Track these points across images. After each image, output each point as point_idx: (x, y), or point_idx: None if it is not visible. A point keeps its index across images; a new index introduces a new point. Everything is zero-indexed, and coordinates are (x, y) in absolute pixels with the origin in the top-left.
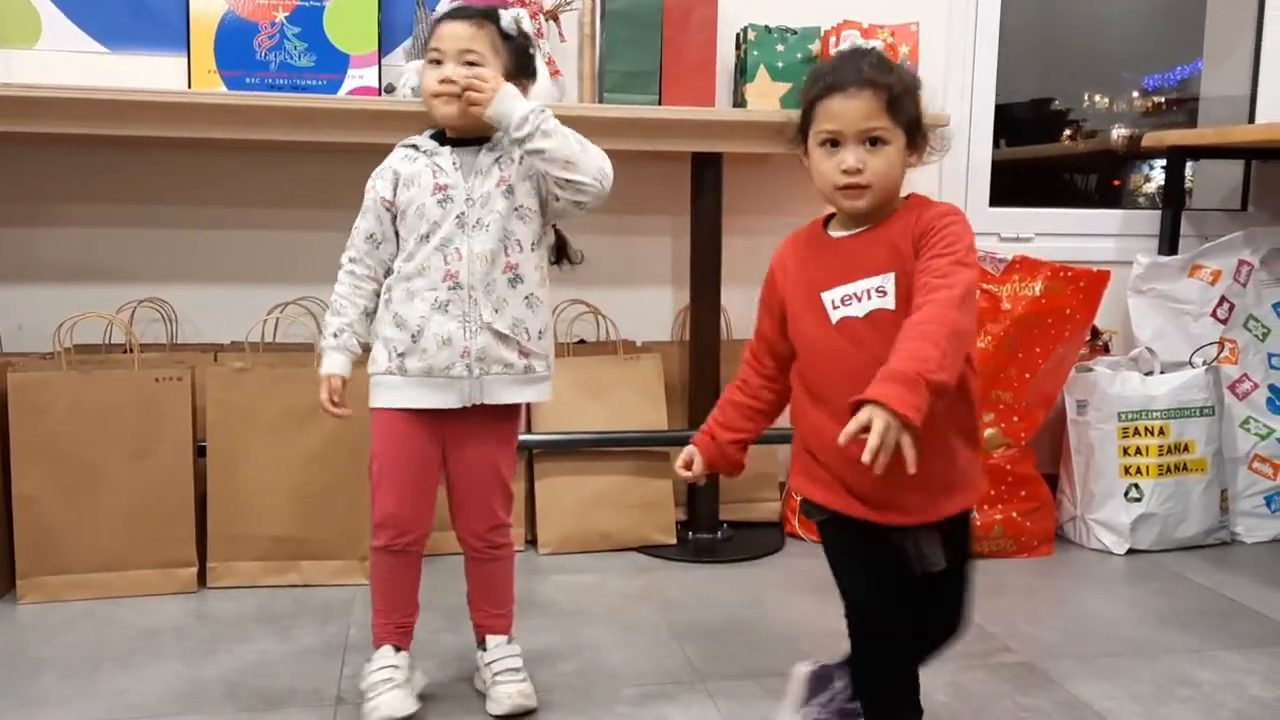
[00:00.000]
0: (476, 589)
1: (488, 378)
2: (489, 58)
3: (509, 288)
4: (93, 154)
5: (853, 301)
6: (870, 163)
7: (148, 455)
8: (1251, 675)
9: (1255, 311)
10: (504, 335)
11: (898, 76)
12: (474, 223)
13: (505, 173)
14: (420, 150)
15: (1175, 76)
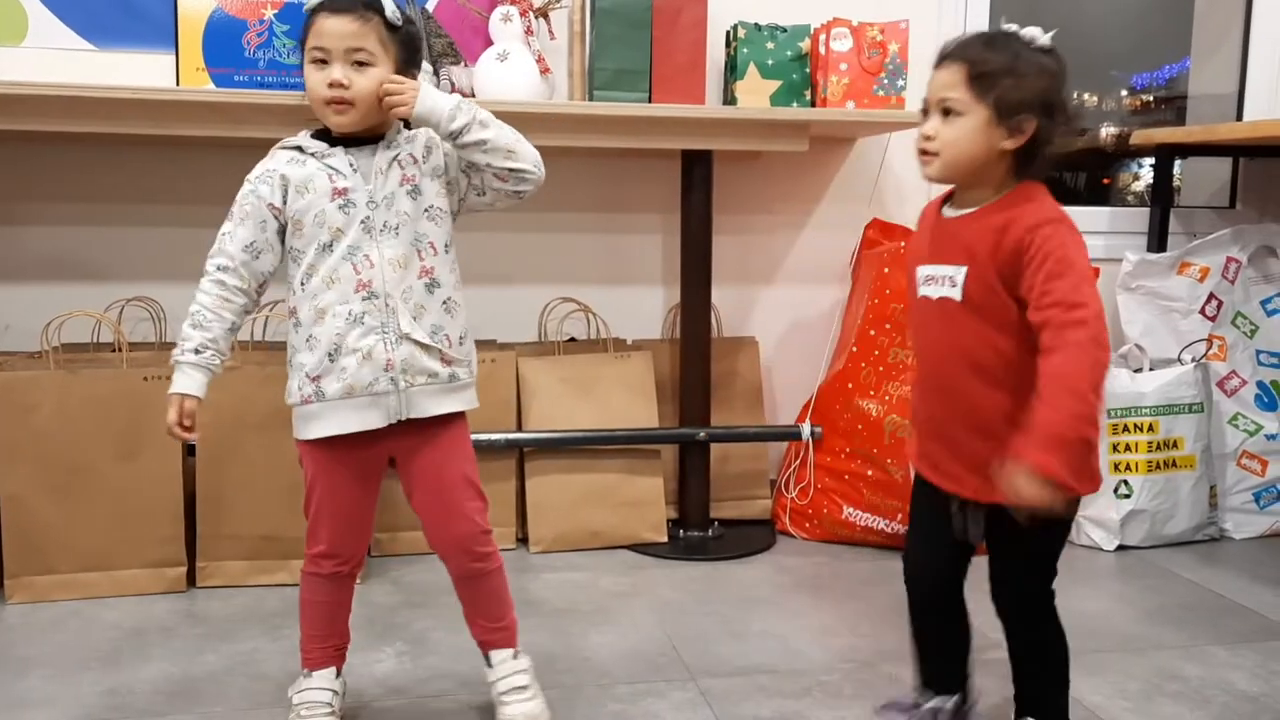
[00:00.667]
0: (470, 605)
1: (413, 390)
2: (379, 54)
3: (426, 293)
4: (80, 152)
5: (932, 283)
6: (940, 131)
7: (136, 455)
8: (1239, 670)
9: (1243, 308)
10: (425, 345)
11: (996, 53)
12: (381, 226)
13: (407, 171)
14: (307, 152)
15: (1163, 75)
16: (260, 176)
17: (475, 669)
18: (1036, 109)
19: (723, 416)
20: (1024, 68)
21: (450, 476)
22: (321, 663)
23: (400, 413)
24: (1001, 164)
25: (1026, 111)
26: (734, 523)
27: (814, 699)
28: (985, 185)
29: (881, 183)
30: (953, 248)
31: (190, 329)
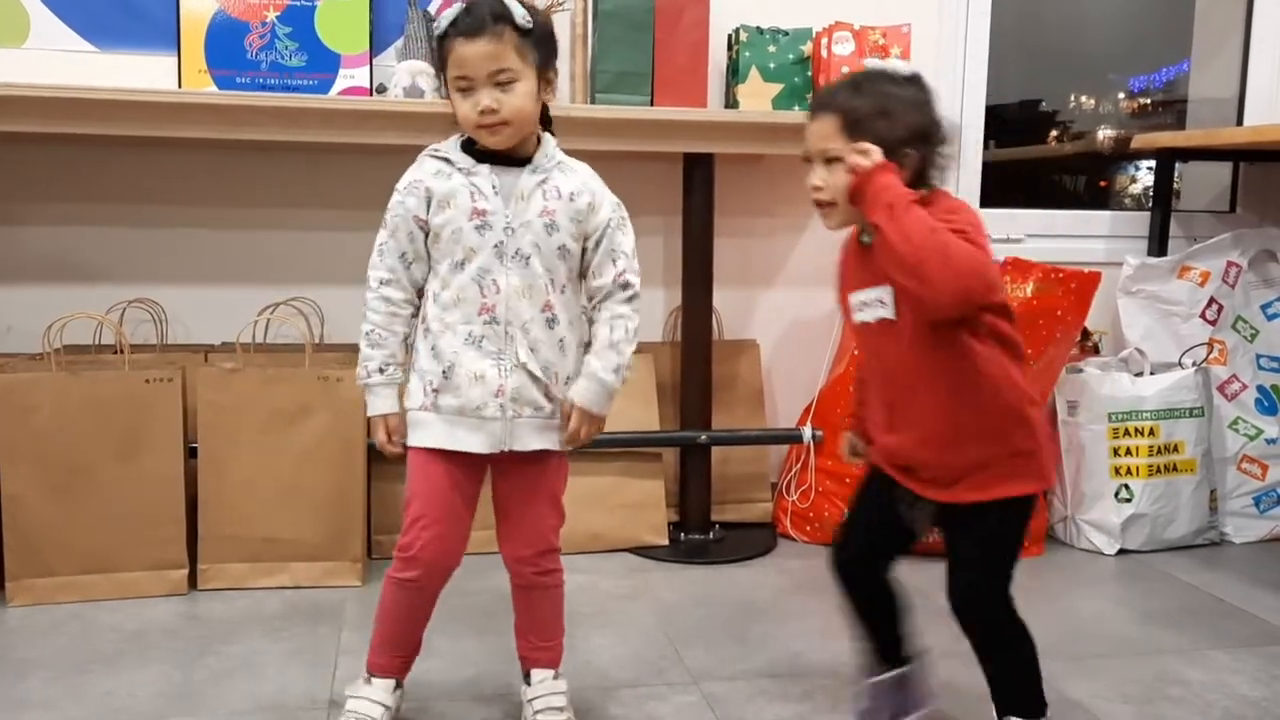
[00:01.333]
0: (524, 618)
1: (519, 420)
2: (521, 69)
3: (545, 328)
4: (83, 154)
5: (865, 309)
6: (829, 181)
7: (137, 457)
8: (1240, 675)
9: (1244, 313)
10: (536, 377)
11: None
12: (513, 253)
13: (550, 204)
14: (454, 166)
15: (1161, 78)
16: (408, 188)
17: (477, 675)
18: (915, 141)
19: (723, 419)
20: (893, 106)
21: (537, 501)
22: (385, 670)
23: (505, 443)
24: None
25: (905, 146)
26: (735, 526)
27: (815, 703)
28: None
29: None
30: (876, 271)
31: (369, 349)
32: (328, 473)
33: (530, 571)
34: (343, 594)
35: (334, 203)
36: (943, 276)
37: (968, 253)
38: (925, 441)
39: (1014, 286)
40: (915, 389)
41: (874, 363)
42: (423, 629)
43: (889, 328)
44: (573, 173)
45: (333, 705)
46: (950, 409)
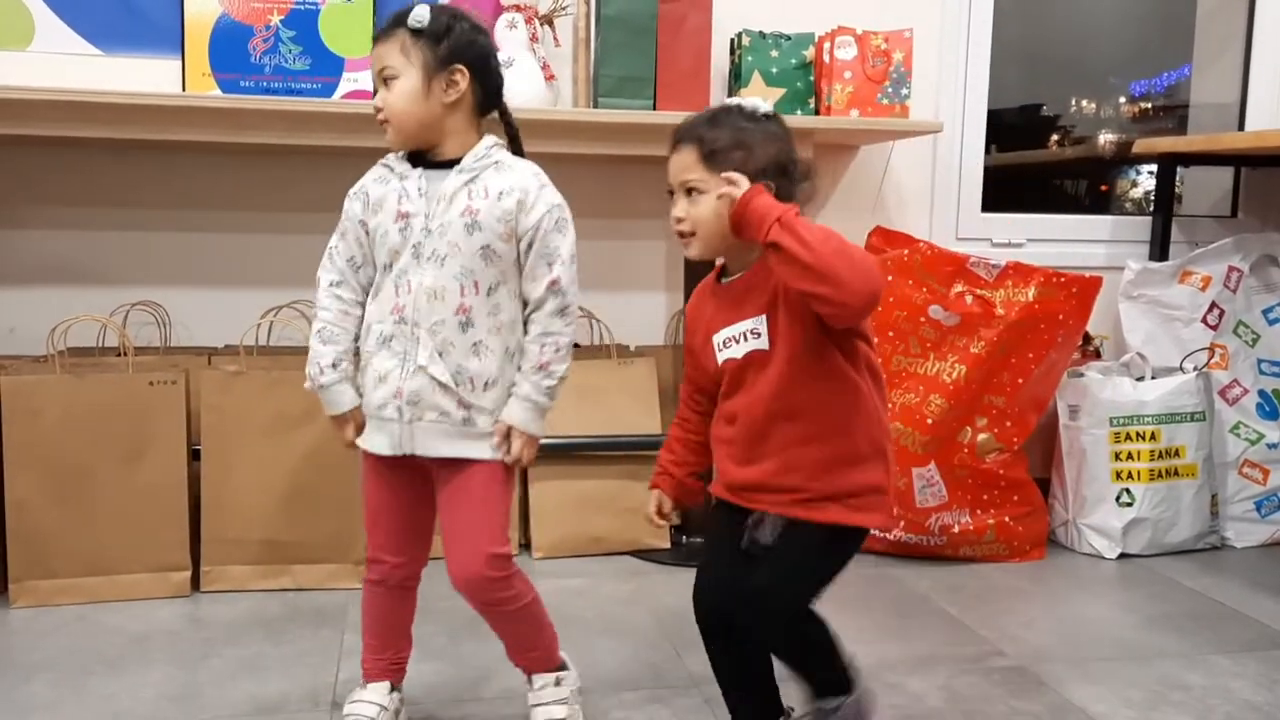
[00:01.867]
0: (500, 637)
1: (419, 424)
2: (400, 66)
3: (458, 331)
4: (86, 156)
5: (732, 344)
6: (690, 211)
7: (141, 459)
8: (1242, 679)
9: (1245, 317)
10: (442, 382)
11: (721, 130)
12: (429, 254)
13: (474, 203)
14: (393, 171)
15: (1161, 83)
16: (355, 193)
17: (477, 675)
18: (771, 173)
19: None
20: (750, 139)
21: (463, 520)
22: (375, 675)
23: (404, 446)
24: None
25: (762, 178)
26: None
27: None
28: (747, 249)
29: (885, 191)
30: (744, 305)
31: (321, 345)
32: (330, 476)
33: (476, 602)
34: (345, 596)
35: (337, 206)
36: (853, 276)
37: (864, 252)
38: (789, 470)
39: (1016, 290)
40: (783, 419)
41: (738, 399)
42: (403, 631)
43: (760, 360)
44: (509, 171)
45: (335, 707)
46: (819, 438)
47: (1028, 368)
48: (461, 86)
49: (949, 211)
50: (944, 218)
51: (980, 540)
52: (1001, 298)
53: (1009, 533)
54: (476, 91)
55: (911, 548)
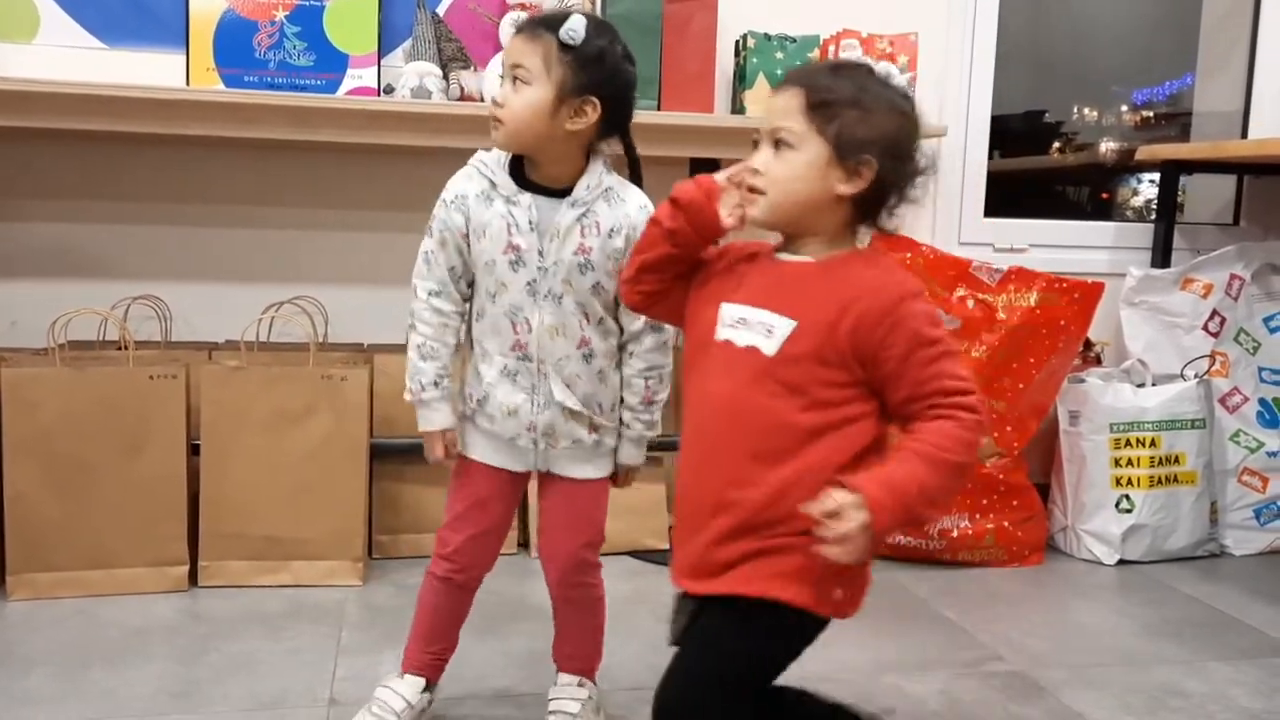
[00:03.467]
0: (560, 626)
1: (553, 452)
2: (536, 74)
3: (583, 363)
4: (89, 150)
5: (742, 327)
6: (770, 167)
7: (141, 453)
8: (1240, 686)
9: (1246, 325)
10: (575, 411)
11: (841, 81)
12: (545, 292)
13: (587, 241)
14: (497, 189)
15: (1164, 91)
16: (454, 203)
17: (481, 674)
18: (879, 150)
19: None
20: (872, 102)
21: (583, 519)
22: (416, 667)
23: (540, 466)
24: (836, 212)
25: (867, 151)
26: None
27: None
28: (816, 236)
29: None
30: (782, 296)
31: (421, 361)
32: (330, 472)
33: (569, 580)
34: (343, 593)
35: (340, 203)
36: (968, 468)
37: (970, 453)
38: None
39: (1018, 296)
40: (739, 443)
41: (705, 391)
42: (456, 628)
43: (757, 363)
44: (619, 203)
45: (333, 704)
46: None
47: (1029, 373)
48: (590, 119)
49: (951, 216)
50: (947, 222)
51: (979, 545)
52: (1003, 303)
53: (1008, 538)
54: (601, 123)
55: (911, 552)
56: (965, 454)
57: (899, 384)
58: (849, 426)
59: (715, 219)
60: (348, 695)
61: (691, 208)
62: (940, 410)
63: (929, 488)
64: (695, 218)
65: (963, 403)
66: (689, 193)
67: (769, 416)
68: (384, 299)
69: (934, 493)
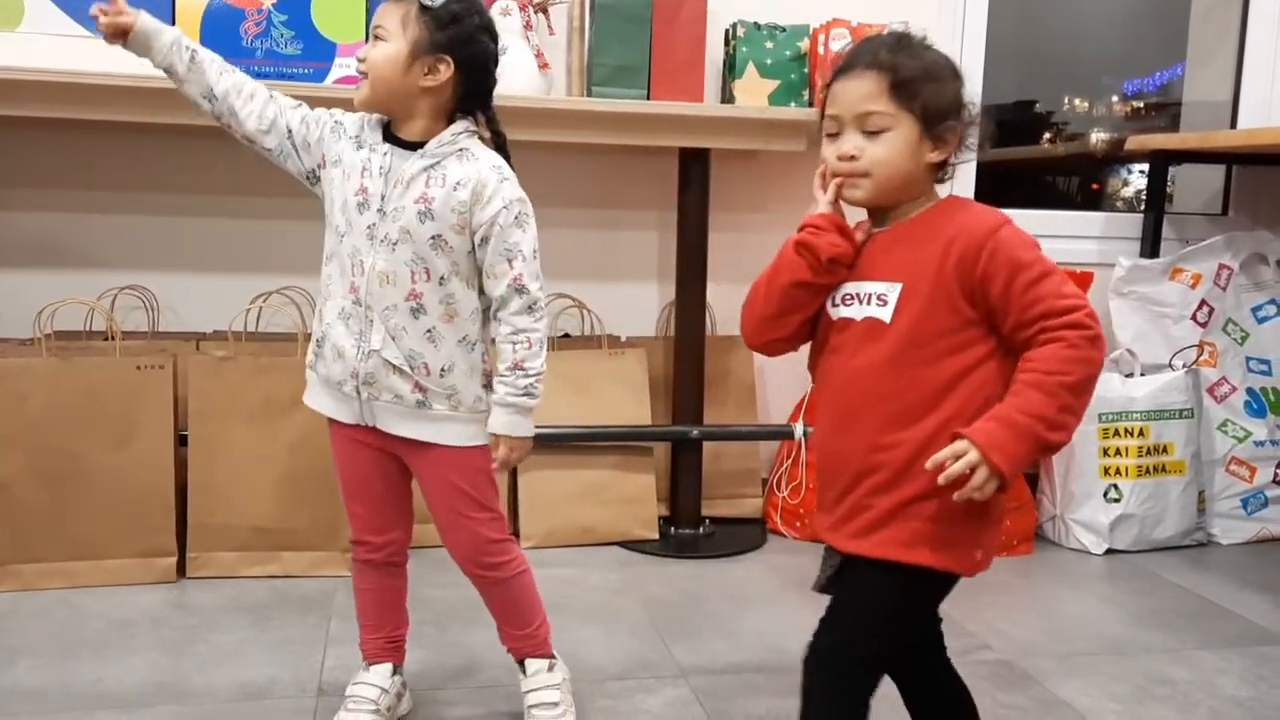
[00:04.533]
0: (493, 613)
1: (377, 404)
2: (393, 31)
3: (410, 317)
4: (75, 139)
5: (854, 302)
6: (864, 148)
7: (128, 444)
8: (1227, 675)
9: (1234, 315)
10: (395, 366)
11: (912, 58)
12: (381, 237)
13: (430, 191)
14: (367, 141)
15: (1154, 81)
16: (346, 126)
17: (464, 664)
18: (957, 113)
19: (715, 415)
20: (940, 71)
21: (448, 491)
22: (374, 655)
23: (365, 419)
24: (925, 180)
25: (949, 118)
26: (725, 521)
27: None
28: (908, 203)
29: None
30: (883, 263)
31: None
32: (318, 463)
33: (472, 568)
34: (332, 584)
35: None
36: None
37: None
38: (867, 471)
39: None
40: (873, 408)
41: (833, 366)
42: (396, 608)
43: (877, 330)
44: (470, 161)
45: (321, 694)
46: (905, 438)
47: None
48: (441, 77)
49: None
50: None
51: None
52: None
53: None
54: (457, 87)
55: None
56: (1078, 370)
57: (1006, 312)
58: (978, 370)
59: (853, 249)
60: (336, 685)
61: (847, 257)
62: (1048, 334)
63: (1045, 414)
64: (848, 261)
65: (1069, 320)
66: (841, 246)
67: (901, 379)
68: None
69: (1053, 417)
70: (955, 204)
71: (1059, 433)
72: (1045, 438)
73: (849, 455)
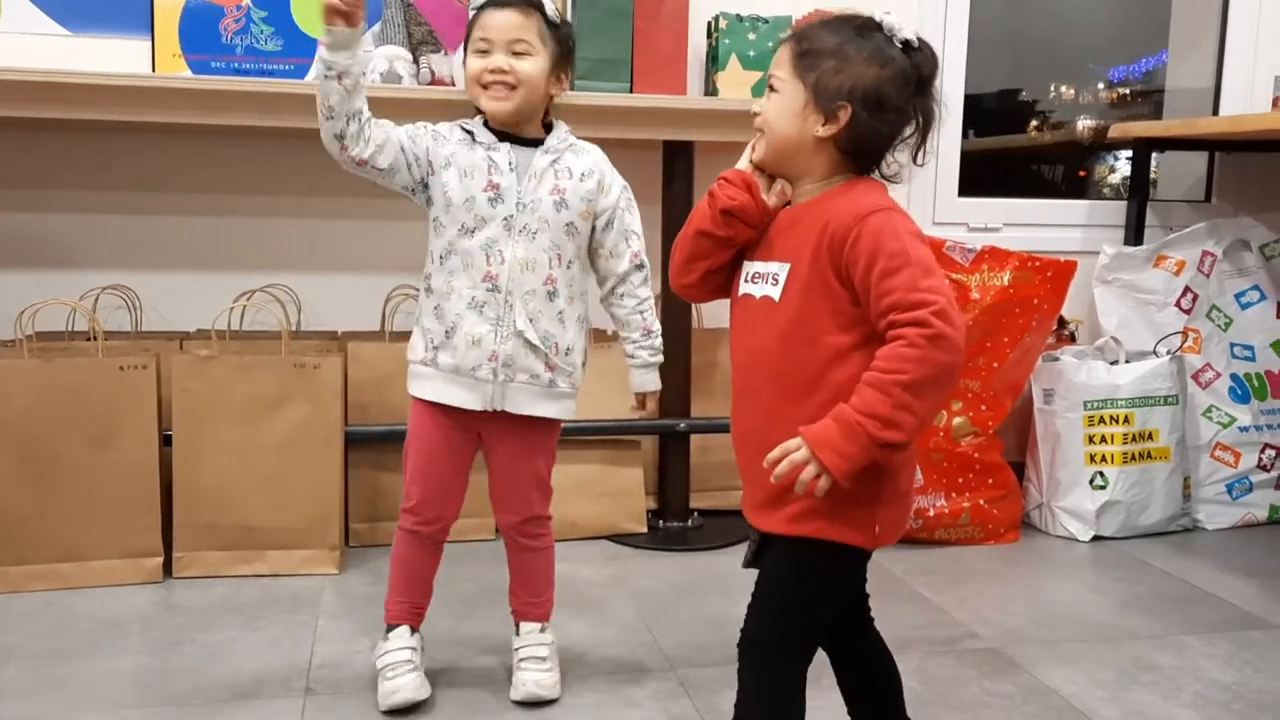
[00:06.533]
0: (515, 576)
1: (511, 385)
2: (537, 47)
3: (546, 300)
4: (55, 138)
5: (759, 281)
6: (764, 107)
7: (112, 444)
8: (1212, 659)
9: (1218, 302)
10: (534, 345)
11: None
12: (520, 227)
13: (560, 182)
14: (477, 140)
15: (1140, 68)
16: (438, 131)
17: (454, 659)
18: (856, 98)
19: (703, 407)
20: (852, 52)
21: (523, 469)
22: (397, 617)
23: (496, 403)
24: (821, 154)
25: (844, 99)
26: (714, 513)
27: None
28: (809, 178)
29: None
30: (781, 244)
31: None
32: (305, 460)
33: (518, 537)
34: (320, 582)
35: (311, 189)
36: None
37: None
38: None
39: (991, 275)
40: (769, 385)
41: (740, 343)
42: (428, 580)
43: (769, 309)
44: (585, 154)
45: (309, 693)
46: (796, 415)
47: (1003, 352)
48: (564, 88)
49: (926, 196)
50: (921, 202)
51: (955, 523)
52: (977, 282)
53: (984, 516)
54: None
55: None
56: (914, 369)
57: (866, 299)
58: (856, 351)
59: (764, 209)
60: (325, 684)
61: (744, 212)
62: (895, 329)
63: (879, 413)
64: (747, 217)
65: (914, 316)
66: (738, 199)
67: (787, 357)
68: (357, 286)
69: (887, 415)
70: (849, 187)
71: (893, 431)
72: (878, 436)
73: (751, 430)
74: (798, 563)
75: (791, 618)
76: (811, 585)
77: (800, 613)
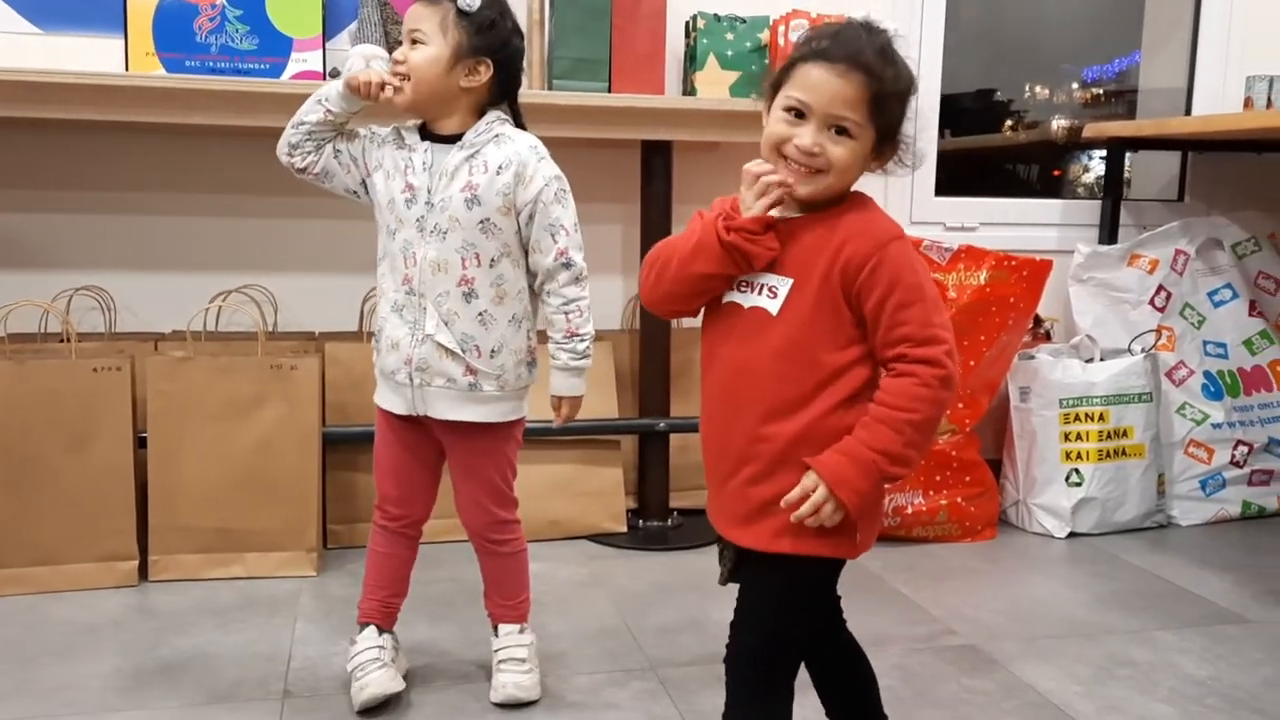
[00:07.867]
0: (487, 581)
1: (429, 389)
2: (432, 36)
3: (462, 301)
4: (27, 138)
5: (747, 290)
6: (828, 149)
7: (86, 447)
8: (1187, 654)
9: (1191, 300)
10: (447, 349)
11: (891, 69)
12: (431, 228)
13: (474, 178)
14: (405, 142)
15: (1113, 69)
16: (379, 135)
17: (432, 662)
18: (898, 132)
19: (683, 407)
20: (906, 87)
21: (475, 475)
22: (368, 615)
23: (418, 407)
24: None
25: (895, 136)
26: (694, 513)
27: None
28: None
29: None
30: (780, 256)
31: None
32: (281, 462)
33: (481, 542)
34: (297, 584)
35: (286, 189)
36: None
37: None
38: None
39: (967, 274)
40: (753, 400)
41: (719, 352)
42: (400, 575)
43: (763, 322)
44: (508, 143)
45: (287, 695)
46: (780, 432)
47: (980, 350)
48: (482, 78)
49: (903, 195)
50: (898, 202)
51: (933, 521)
52: (954, 281)
53: (961, 513)
54: (493, 86)
55: None
56: (926, 409)
57: (875, 327)
58: (851, 371)
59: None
60: (303, 687)
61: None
62: (905, 362)
63: (890, 450)
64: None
65: (927, 354)
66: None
67: (780, 373)
68: (334, 286)
69: (898, 452)
70: (856, 204)
71: (900, 467)
72: (888, 471)
73: (730, 442)
74: (781, 578)
75: (779, 632)
76: (796, 599)
77: (787, 626)
